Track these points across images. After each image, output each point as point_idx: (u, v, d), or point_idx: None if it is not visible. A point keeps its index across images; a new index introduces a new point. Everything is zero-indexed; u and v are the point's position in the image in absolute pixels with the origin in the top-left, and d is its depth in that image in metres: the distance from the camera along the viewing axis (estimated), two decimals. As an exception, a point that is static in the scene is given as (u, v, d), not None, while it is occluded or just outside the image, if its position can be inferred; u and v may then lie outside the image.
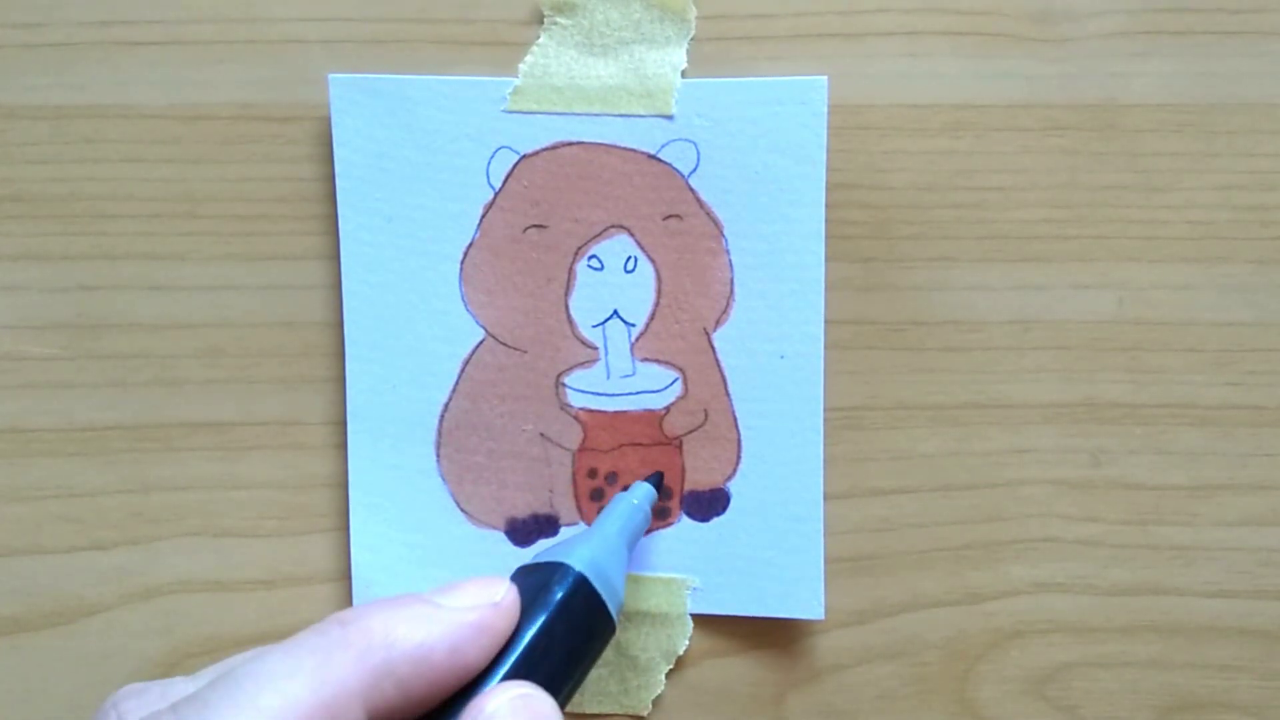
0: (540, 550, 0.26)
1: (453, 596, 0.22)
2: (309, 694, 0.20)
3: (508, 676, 0.22)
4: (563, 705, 0.22)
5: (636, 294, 0.30)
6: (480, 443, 0.30)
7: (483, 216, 0.30)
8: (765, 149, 0.29)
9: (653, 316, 0.30)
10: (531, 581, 0.24)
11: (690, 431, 0.30)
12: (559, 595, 0.23)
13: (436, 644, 0.21)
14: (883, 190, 0.30)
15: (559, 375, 0.30)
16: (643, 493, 0.28)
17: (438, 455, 0.30)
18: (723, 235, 0.30)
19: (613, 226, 0.30)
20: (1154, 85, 0.30)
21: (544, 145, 0.30)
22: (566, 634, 0.23)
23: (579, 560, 0.24)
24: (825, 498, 0.30)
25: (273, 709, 0.19)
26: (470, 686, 0.21)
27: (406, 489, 0.30)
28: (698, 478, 0.30)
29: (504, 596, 0.22)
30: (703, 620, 0.30)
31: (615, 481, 0.30)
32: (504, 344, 0.30)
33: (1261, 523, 0.30)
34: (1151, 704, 0.30)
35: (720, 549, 0.30)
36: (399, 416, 0.30)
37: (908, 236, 0.30)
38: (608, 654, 0.30)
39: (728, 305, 0.30)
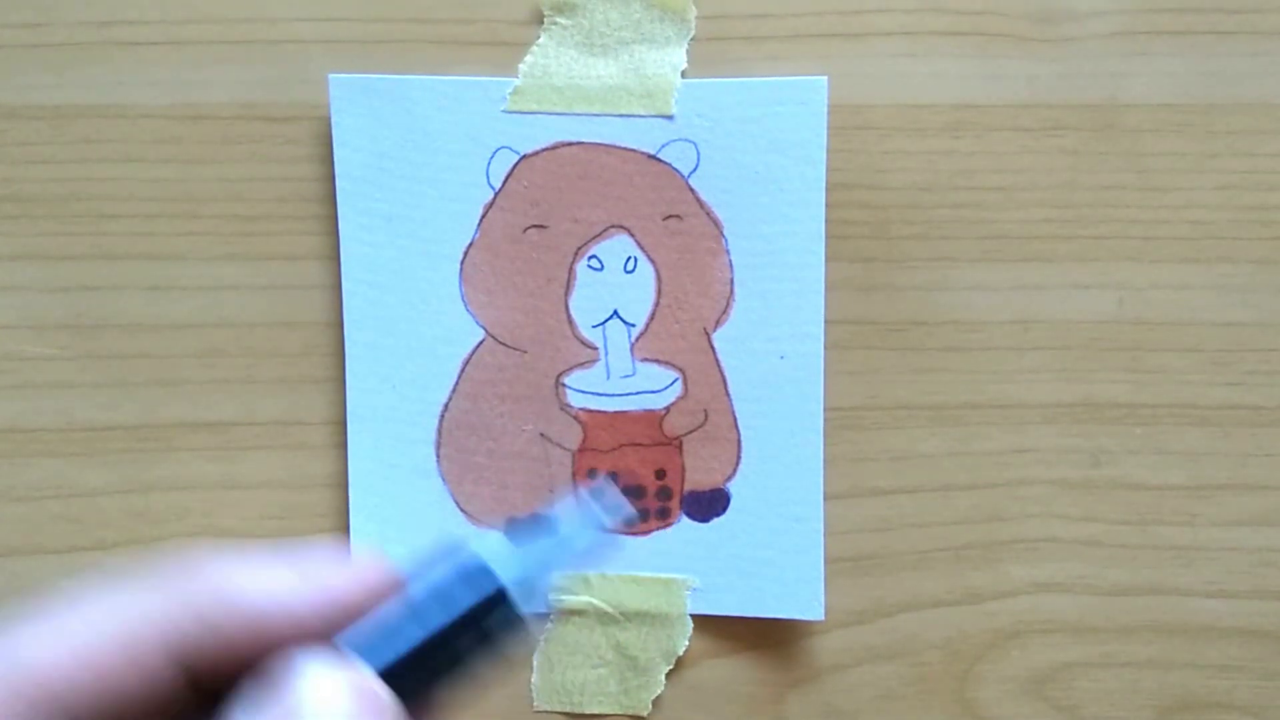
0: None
1: (298, 556, 0.21)
2: (108, 629, 0.19)
3: (383, 664, 0.20)
4: (449, 692, 0.21)
5: (636, 294, 0.30)
6: (480, 443, 0.30)
7: (483, 216, 0.30)
8: (765, 149, 0.29)
9: (653, 316, 0.30)
10: (441, 571, 0.21)
11: (690, 431, 0.30)
12: (464, 603, 0.20)
13: (261, 593, 0.20)
14: (883, 190, 0.30)
15: (559, 375, 0.30)
16: (608, 502, 0.24)
17: (438, 455, 0.30)
18: (723, 235, 0.30)
19: (613, 226, 0.30)
20: (1154, 85, 0.30)
21: (544, 145, 0.30)
22: (465, 639, 0.20)
23: (501, 567, 0.21)
24: (825, 498, 0.30)
25: (67, 637, 0.19)
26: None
27: (406, 489, 0.30)
28: (698, 478, 0.30)
29: (361, 561, 0.21)
30: (702, 620, 0.30)
31: (615, 482, 0.30)
32: (504, 344, 0.30)
33: (1261, 522, 0.30)
34: (1151, 704, 0.30)
35: (720, 549, 0.30)
36: (399, 416, 0.30)
37: (908, 236, 0.30)
38: (608, 654, 0.30)
39: (728, 305, 0.30)
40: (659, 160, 0.29)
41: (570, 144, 0.29)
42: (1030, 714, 0.30)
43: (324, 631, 0.20)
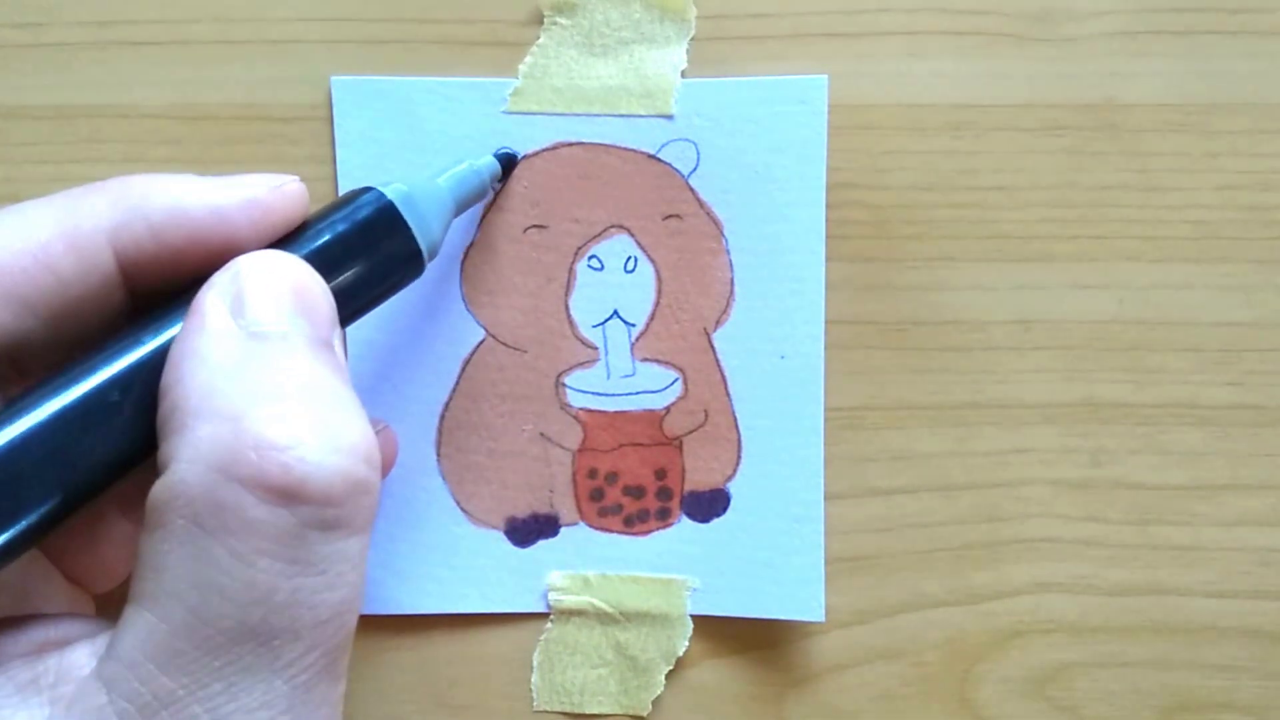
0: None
1: (229, 177, 0.22)
2: (53, 223, 0.20)
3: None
4: (344, 321, 0.22)
5: (636, 294, 0.30)
6: (480, 443, 0.30)
7: (483, 216, 0.30)
8: (765, 149, 0.29)
9: (653, 316, 0.30)
10: (334, 203, 0.23)
11: (690, 431, 0.30)
12: (359, 207, 0.23)
13: (197, 202, 0.21)
14: (883, 190, 0.30)
15: (559, 375, 0.30)
16: (485, 160, 0.28)
17: (438, 455, 0.30)
18: (723, 235, 0.30)
19: (613, 226, 0.30)
20: (1155, 85, 0.30)
21: (544, 146, 0.30)
22: (361, 246, 0.23)
23: (391, 191, 0.24)
24: (825, 498, 0.30)
25: (15, 231, 0.20)
26: None
27: (406, 489, 0.30)
28: (698, 478, 0.30)
29: (286, 181, 0.22)
30: (703, 621, 0.30)
31: (615, 481, 0.30)
32: (504, 344, 0.30)
33: (1262, 523, 0.30)
34: (1152, 704, 0.30)
35: (720, 550, 0.30)
36: (399, 416, 0.30)
37: (908, 236, 0.30)
38: (607, 654, 0.30)
39: (728, 305, 0.30)
40: (659, 160, 0.29)
41: (570, 144, 0.29)
42: (1031, 714, 0.30)
43: (258, 245, 0.21)
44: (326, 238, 0.22)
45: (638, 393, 0.30)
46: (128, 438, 0.20)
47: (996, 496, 0.30)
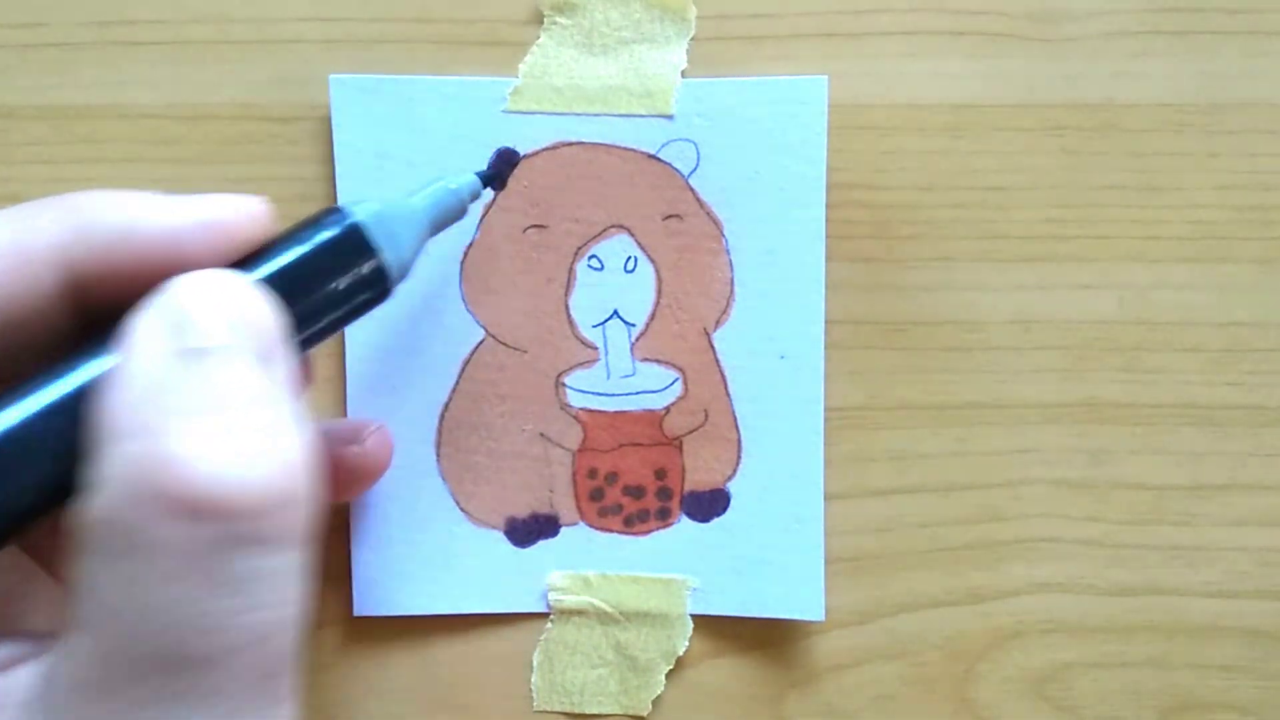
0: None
1: (188, 197, 0.21)
2: (2, 235, 0.19)
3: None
4: (303, 346, 0.22)
5: (636, 294, 0.30)
6: (480, 443, 0.30)
7: (483, 216, 0.30)
8: (765, 149, 0.29)
9: (653, 316, 0.30)
10: (303, 224, 0.23)
11: (690, 432, 0.30)
12: (323, 228, 0.22)
13: (150, 222, 0.20)
14: (883, 190, 0.30)
15: (559, 375, 0.30)
16: (465, 179, 0.27)
17: (438, 455, 0.30)
18: (723, 235, 0.29)
19: (613, 226, 0.30)
20: (1155, 85, 0.30)
21: (544, 145, 0.30)
22: (324, 268, 0.22)
23: (360, 211, 0.23)
24: (825, 498, 0.30)
25: None
26: None
27: (406, 489, 0.30)
28: (698, 478, 0.30)
29: (246, 201, 0.21)
30: (703, 621, 0.30)
31: (615, 481, 0.30)
32: (504, 344, 0.30)
33: (1262, 523, 0.30)
34: (1152, 704, 0.30)
35: (720, 550, 0.30)
36: (399, 416, 0.30)
37: (908, 236, 0.30)
38: (608, 654, 0.30)
39: (728, 305, 0.30)
40: (659, 160, 0.29)
41: (570, 144, 0.29)
42: (1031, 714, 0.30)
43: (212, 265, 0.20)
44: (284, 258, 0.22)
45: (638, 393, 0.30)
46: (59, 463, 0.19)
47: (996, 497, 0.30)
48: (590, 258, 0.30)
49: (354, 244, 0.22)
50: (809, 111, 0.29)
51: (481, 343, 0.30)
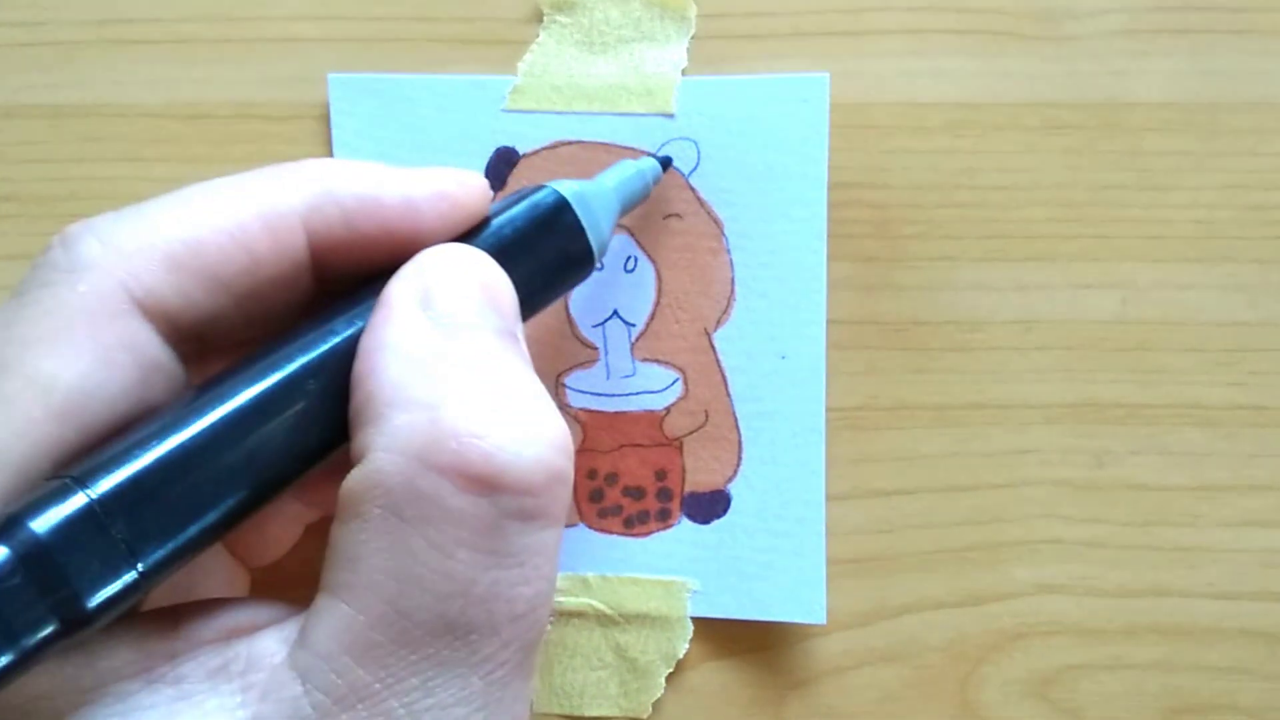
0: None
1: (417, 170, 0.22)
2: (250, 203, 0.20)
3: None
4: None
5: (636, 294, 0.30)
6: (479, 443, 0.30)
7: (482, 216, 0.30)
8: (766, 147, 0.29)
9: (653, 316, 0.30)
10: (510, 200, 0.23)
11: (691, 432, 0.30)
12: (537, 205, 0.23)
13: (387, 190, 0.21)
14: (884, 189, 0.30)
15: (559, 375, 0.30)
16: (648, 163, 0.28)
17: (437, 456, 0.30)
18: (723, 234, 0.29)
19: (613, 226, 0.30)
20: (1157, 84, 0.29)
21: (543, 144, 0.29)
22: (539, 243, 0.23)
23: (563, 187, 0.24)
24: (826, 499, 0.30)
25: (213, 209, 0.20)
26: None
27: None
28: (698, 479, 0.30)
29: (472, 176, 0.22)
30: (703, 623, 0.30)
31: (615, 482, 0.30)
32: (503, 344, 0.30)
33: (1265, 524, 0.30)
34: (1155, 706, 0.30)
35: (721, 551, 0.30)
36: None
37: (910, 235, 0.30)
38: (607, 656, 0.30)
39: (728, 305, 0.30)
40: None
41: (570, 143, 0.29)
42: (1033, 716, 0.30)
43: (443, 238, 0.21)
44: (507, 233, 0.22)
45: (638, 393, 0.30)
46: (319, 426, 0.19)
47: (998, 497, 0.30)
48: (590, 257, 0.30)
49: (565, 221, 0.23)
50: (810, 110, 0.29)
51: (481, 343, 0.30)
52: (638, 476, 0.30)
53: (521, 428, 0.18)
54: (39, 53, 0.30)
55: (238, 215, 0.20)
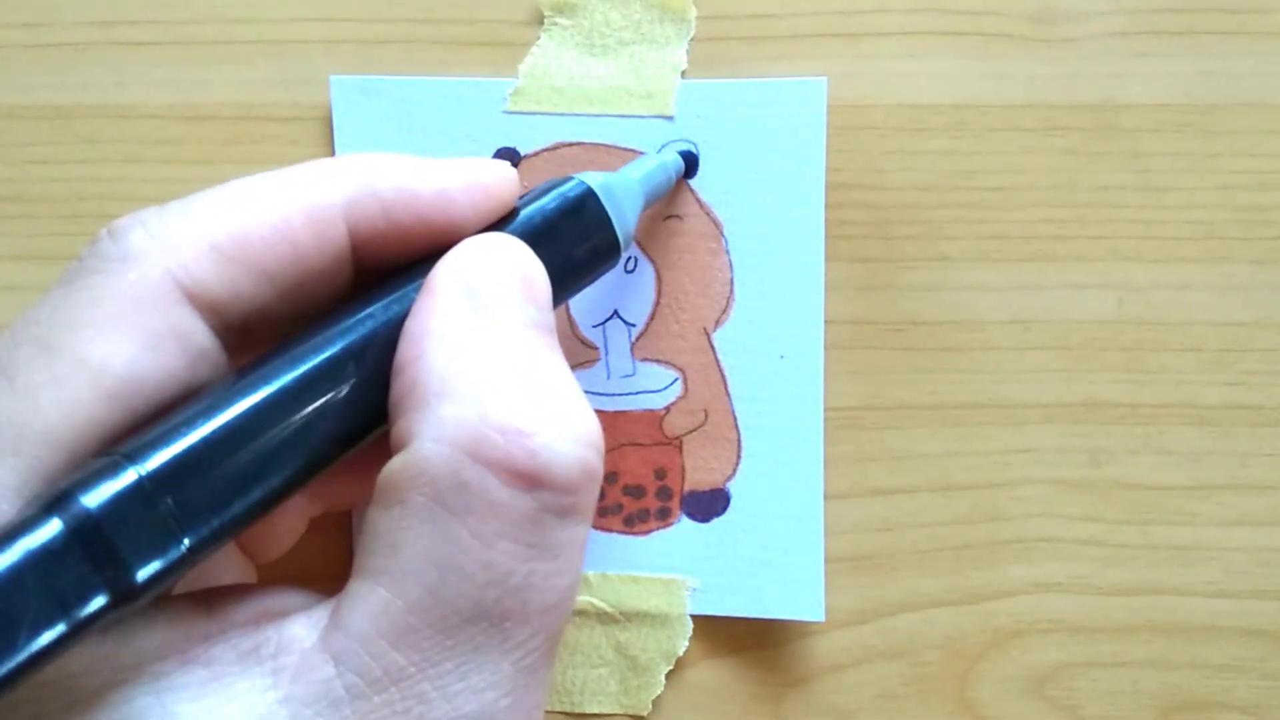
0: None
1: (449, 161, 0.22)
2: (293, 196, 0.20)
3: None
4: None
5: (636, 294, 0.30)
6: (480, 443, 0.30)
7: (483, 216, 0.30)
8: (765, 149, 0.29)
9: (653, 316, 0.30)
10: (537, 191, 0.24)
11: (690, 431, 0.30)
12: (566, 196, 0.23)
13: (423, 182, 0.21)
14: (882, 190, 0.30)
15: (559, 375, 0.30)
16: (672, 156, 0.28)
17: (438, 455, 0.30)
18: (723, 235, 0.30)
19: (613, 226, 0.30)
20: (1154, 85, 0.30)
21: (544, 146, 0.30)
22: (567, 233, 0.23)
23: (590, 179, 0.24)
24: (825, 497, 0.30)
25: (257, 202, 0.20)
26: None
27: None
28: (698, 478, 0.30)
29: (501, 166, 0.23)
30: (702, 621, 0.30)
31: (615, 481, 0.30)
32: (504, 344, 0.30)
33: (1261, 522, 0.30)
34: (1152, 704, 0.30)
35: (720, 549, 0.30)
36: (399, 416, 0.30)
37: (907, 236, 0.30)
38: (607, 654, 0.30)
39: (728, 305, 0.30)
40: (659, 160, 0.29)
41: (570, 144, 0.29)
42: (1030, 714, 0.30)
43: (478, 227, 0.22)
44: (537, 222, 0.23)
45: (638, 393, 0.30)
46: (359, 409, 0.20)
47: (996, 496, 0.30)
48: (590, 258, 0.30)
49: (592, 212, 0.23)
50: (808, 112, 0.29)
51: (482, 343, 0.30)
52: (638, 475, 0.30)
53: (563, 426, 0.19)
54: (43, 54, 0.30)
55: (281, 209, 0.20)
